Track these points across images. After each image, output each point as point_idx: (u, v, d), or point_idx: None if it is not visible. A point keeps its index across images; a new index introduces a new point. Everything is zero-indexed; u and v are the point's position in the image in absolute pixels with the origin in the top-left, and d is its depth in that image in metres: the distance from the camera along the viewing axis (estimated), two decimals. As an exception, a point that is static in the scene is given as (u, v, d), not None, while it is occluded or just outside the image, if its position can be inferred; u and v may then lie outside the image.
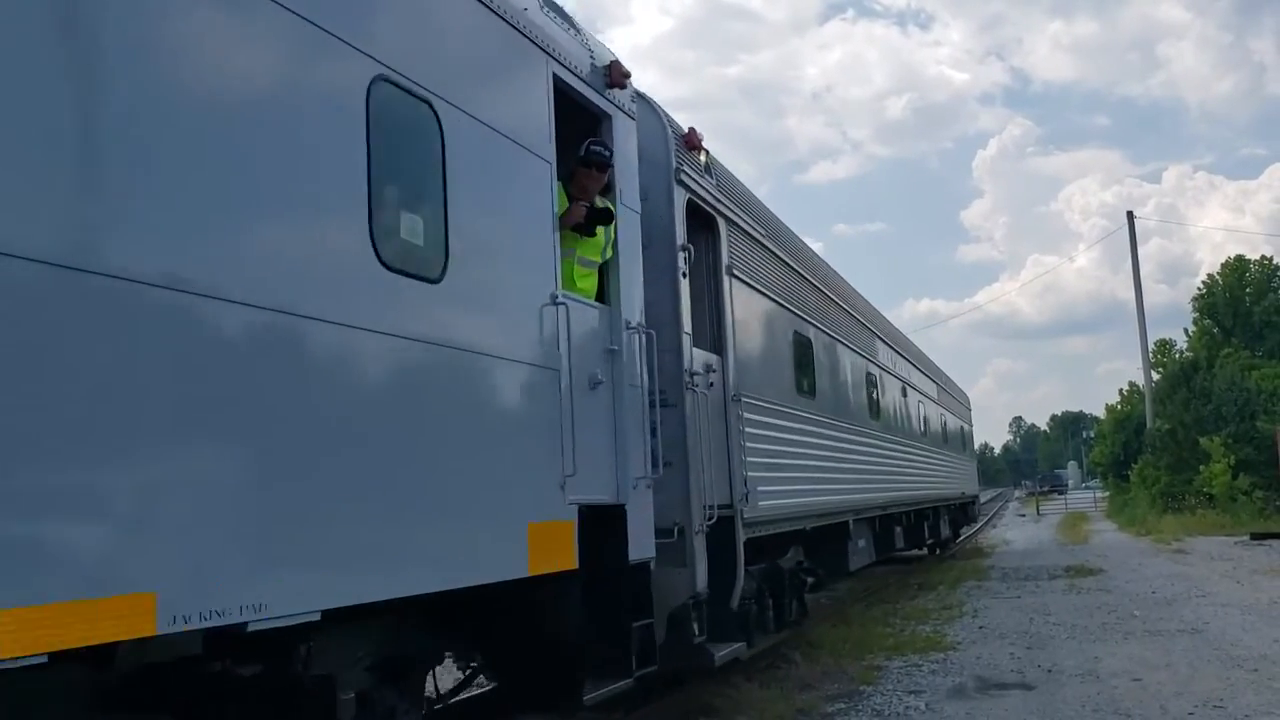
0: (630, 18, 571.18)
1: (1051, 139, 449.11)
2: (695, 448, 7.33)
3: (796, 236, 12.39)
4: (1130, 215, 41.95)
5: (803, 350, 11.12)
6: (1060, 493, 78.33)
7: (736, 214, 9.18)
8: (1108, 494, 54.97)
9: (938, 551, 23.97)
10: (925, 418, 20.88)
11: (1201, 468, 34.39)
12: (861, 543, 13.53)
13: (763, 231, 10.16)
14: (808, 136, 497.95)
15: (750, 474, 8.51)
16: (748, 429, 8.68)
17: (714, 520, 7.36)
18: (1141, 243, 49.86)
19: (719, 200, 8.67)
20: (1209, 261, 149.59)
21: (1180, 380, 41.27)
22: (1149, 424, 41.02)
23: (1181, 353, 53.87)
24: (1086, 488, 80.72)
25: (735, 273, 8.88)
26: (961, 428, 28.32)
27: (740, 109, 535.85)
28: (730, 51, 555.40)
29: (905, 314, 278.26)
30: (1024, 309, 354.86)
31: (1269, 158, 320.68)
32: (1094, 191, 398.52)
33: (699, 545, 7.17)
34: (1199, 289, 56.32)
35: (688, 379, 7.35)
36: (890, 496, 15.45)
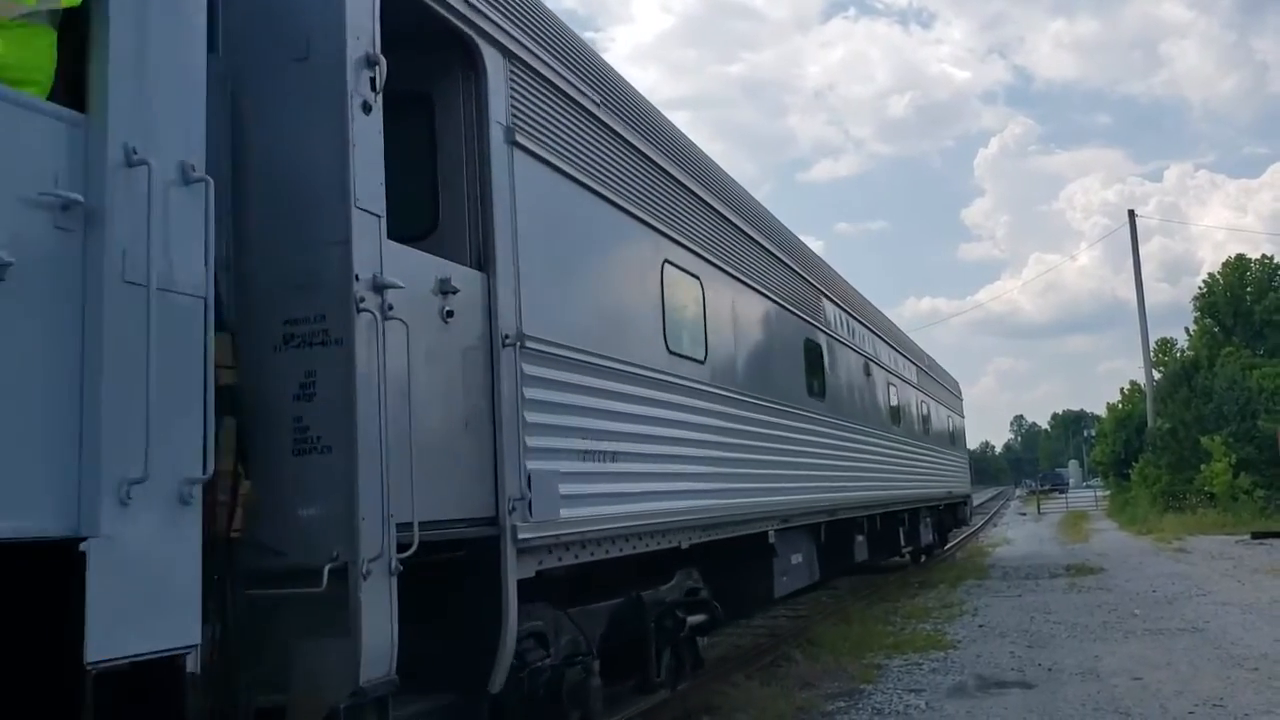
0: (631, 16, 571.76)
1: (1053, 137, 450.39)
2: (374, 419, 3.93)
3: (668, 121, 8.16)
4: (1131, 214, 40.45)
5: (680, 292, 7.68)
6: (1061, 492, 77.49)
7: (527, 46, 5.51)
8: (1108, 493, 53.86)
9: (922, 559, 21.06)
10: (900, 404, 17.24)
11: (1202, 467, 33.11)
12: (796, 558, 10.31)
13: (595, 96, 6.37)
14: (810, 135, 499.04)
15: (540, 467, 5.22)
16: (538, 394, 5.31)
17: (413, 548, 3.99)
18: (1143, 241, 49.65)
19: (482, 13, 5.09)
20: (1210, 260, 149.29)
21: (1181, 379, 39.68)
22: (1150, 423, 39.51)
23: (1182, 352, 52.80)
24: (1087, 486, 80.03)
25: (524, 144, 5.36)
26: (950, 419, 24.35)
27: (742, 107, 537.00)
28: (732, 50, 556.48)
29: (907, 312, 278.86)
30: (1025, 307, 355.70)
31: (1271, 156, 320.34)
32: (1095, 190, 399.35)
33: (374, 594, 3.84)
34: (1200, 288, 54.88)
35: (365, 295, 3.96)
36: (843, 497, 11.99)
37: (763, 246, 10.20)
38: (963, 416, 28.14)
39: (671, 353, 7.32)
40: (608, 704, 6.26)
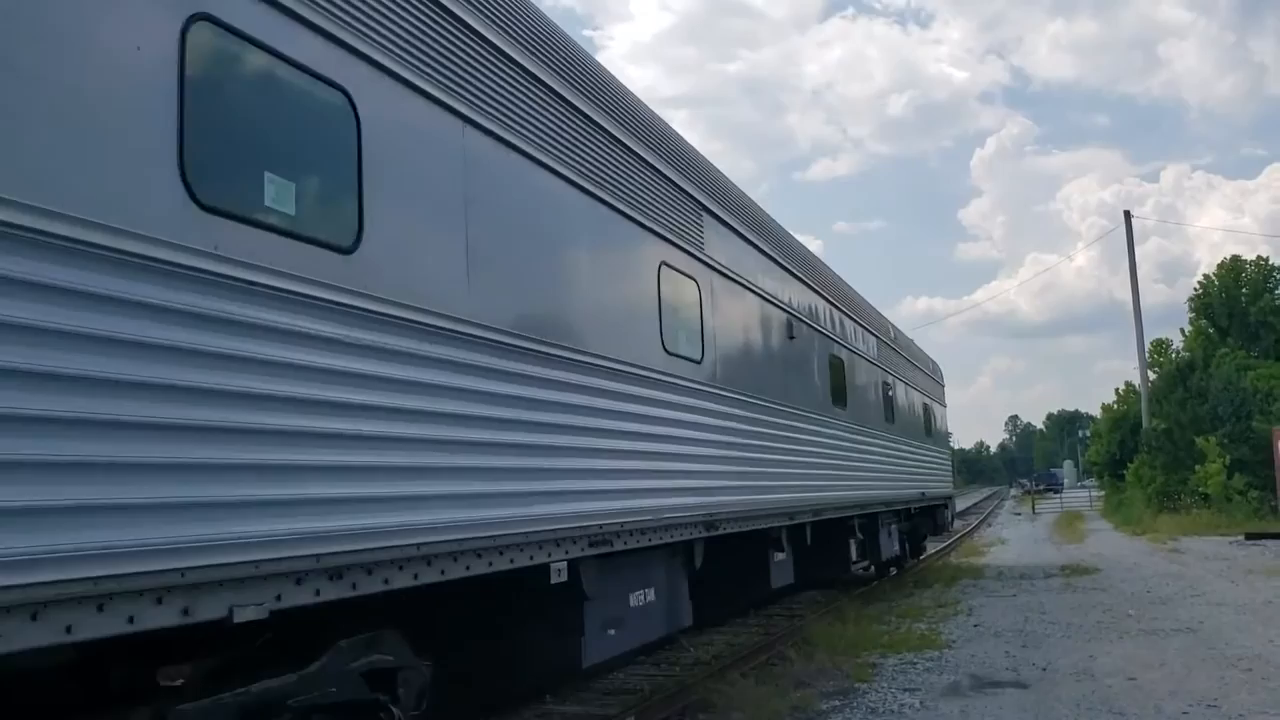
0: (630, 14, 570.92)
1: (1051, 138, 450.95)
2: None
3: None
4: (1128, 215, 40.42)
5: (315, 118, 4.32)
6: (1056, 491, 77.92)
7: None
8: (1103, 493, 54.34)
9: (893, 571, 18.06)
10: (849, 382, 13.42)
11: (1197, 467, 33.00)
12: (640, 598, 7.15)
13: None
14: (808, 134, 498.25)
15: None
16: None
17: None
18: (1140, 242, 49.81)
19: None
20: (1207, 261, 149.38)
21: (1176, 380, 39.59)
22: (1145, 423, 39.33)
23: (1178, 352, 53.18)
24: (1082, 487, 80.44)
25: None
26: (926, 407, 20.38)
27: (741, 106, 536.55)
28: (731, 48, 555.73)
29: (904, 311, 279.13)
30: (1022, 308, 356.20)
31: (1268, 158, 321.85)
32: (1093, 191, 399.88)
33: None
34: (1195, 289, 55.28)
35: None
36: (736, 501, 8.62)
37: (568, 102, 6.29)
38: (944, 405, 23.90)
39: (220, 217, 3.69)
40: None
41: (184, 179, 3.54)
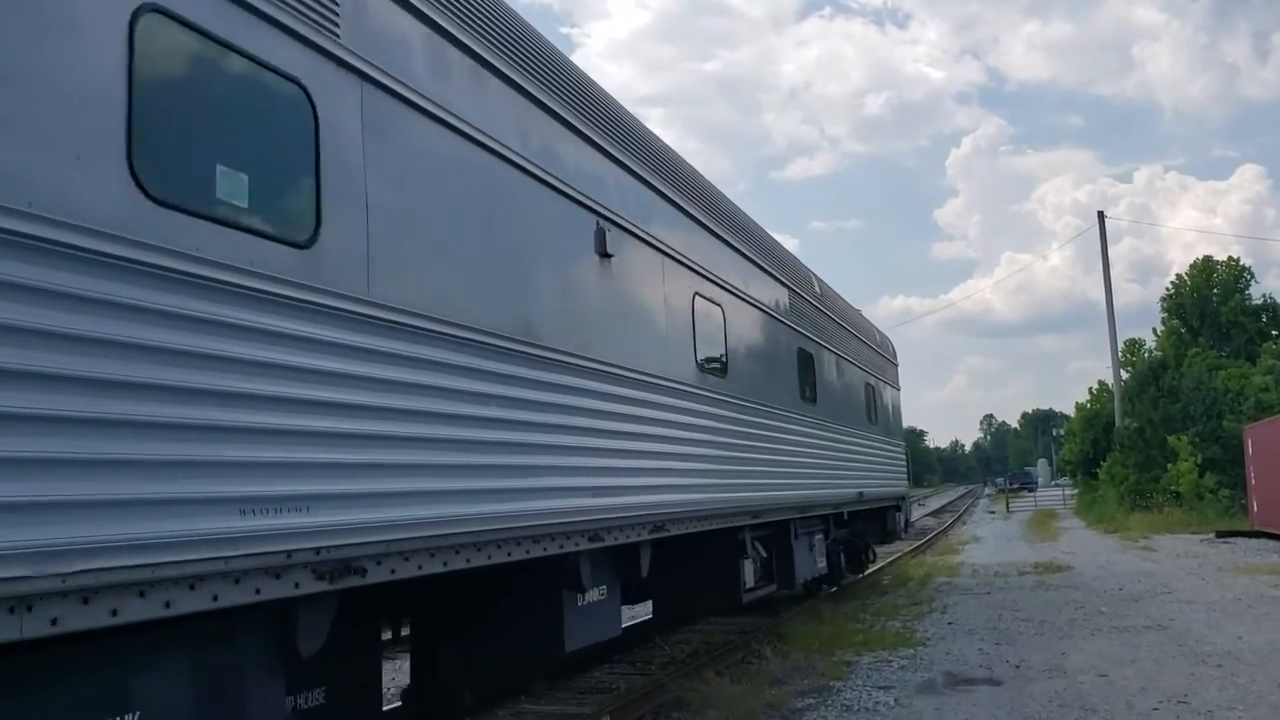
0: (608, 12, 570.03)
1: (1025, 138, 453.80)
2: None
3: None
4: (1101, 215, 40.96)
5: None
6: (1030, 490, 78.71)
7: None
8: (1076, 492, 54.80)
9: (830, 589, 14.72)
10: (735, 340, 9.56)
11: (1169, 466, 33.47)
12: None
13: None
14: (785, 133, 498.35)
15: None
16: None
17: None
18: (1113, 242, 50.27)
19: None
20: (1180, 261, 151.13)
21: (1149, 379, 40.05)
22: (1118, 422, 39.83)
23: (1150, 352, 54.13)
24: (1056, 485, 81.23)
25: None
26: (868, 386, 16.14)
27: (718, 104, 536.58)
28: (708, 47, 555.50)
29: (881, 310, 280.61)
30: (997, 306, 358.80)
31: (1239, 159, 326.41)
32: (1067, 190, 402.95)
33: None
34: (1168, 289, 55.60)
35: None
36: (443, 515, 4.72)
37: None
38: (897, 388, 19.56)
39: None
40: None
41: None
